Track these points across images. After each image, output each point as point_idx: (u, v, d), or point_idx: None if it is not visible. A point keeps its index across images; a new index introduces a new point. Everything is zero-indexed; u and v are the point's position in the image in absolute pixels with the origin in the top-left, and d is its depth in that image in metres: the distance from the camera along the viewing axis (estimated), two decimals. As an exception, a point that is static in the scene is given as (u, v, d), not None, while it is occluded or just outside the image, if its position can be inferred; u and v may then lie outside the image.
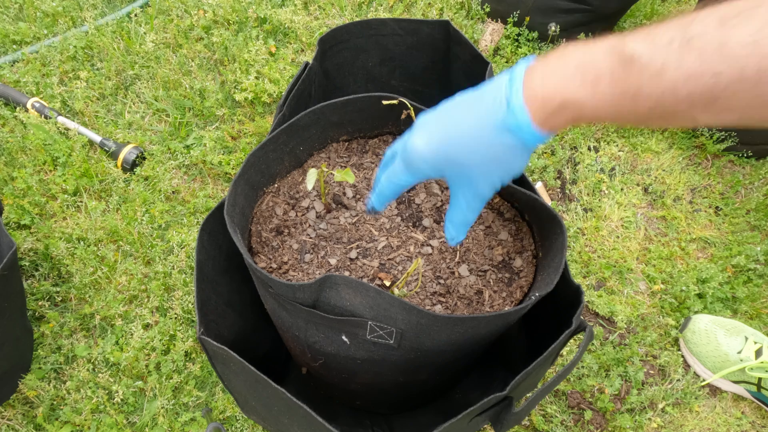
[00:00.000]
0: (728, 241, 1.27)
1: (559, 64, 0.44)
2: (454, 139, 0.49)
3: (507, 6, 1.47)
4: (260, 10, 1.47)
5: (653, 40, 0.40)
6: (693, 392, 1.08)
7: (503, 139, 0.47)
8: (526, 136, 0.47)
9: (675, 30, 0.39)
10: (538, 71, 0.45)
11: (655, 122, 0.43)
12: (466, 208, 0.54)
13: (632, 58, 0.40)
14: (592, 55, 0.43)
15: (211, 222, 0.71)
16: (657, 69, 0.39)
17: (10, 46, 1.41)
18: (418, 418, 0.94)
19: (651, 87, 0.40)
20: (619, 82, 0.41)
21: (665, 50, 0.39)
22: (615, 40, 0.42)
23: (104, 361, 1.02)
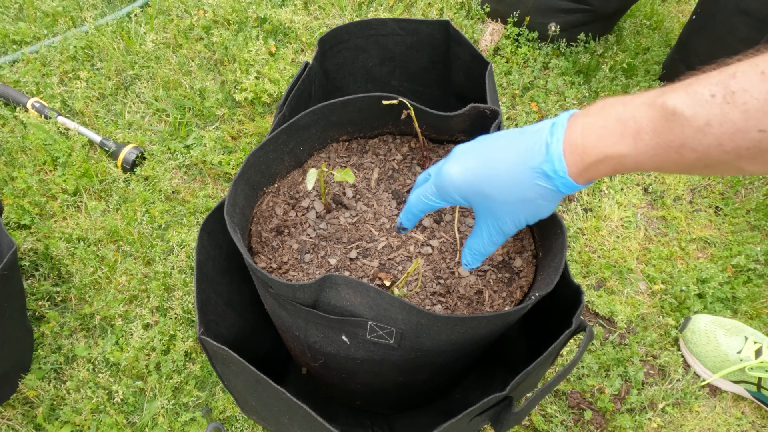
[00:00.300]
0: (728, 241, 1.27)
1: (600, 117, 0.45)
2: (488, 173, 0.51)
3: (507, 6, 1.47)
4: (260, 10, 1.47)
5: (695, 94, 0.40)
6: (693, 392, 1.08)
7: (537, 183, 0.49)
8: (560, 184, 0.48)
9: (716, 84, 0.39)
10: (579, 122, 0.47)
11: (701, 171, 0.43)
12: (487, 240, 0.56)
13: (674, 112, 0.41)
14: (632, 108, 0.44)
15: (211, 222, 0.71)
16: (701, 124, 0.40)
17: (10, 46, 1.41)
18: (418, 418, 0.94)
19: (695, 141, 0.40)
20: (661, 135, 0.42)
21: (708, 105, 0.39)
22: (655, 94, 0.43)
23: (104, 361, 1.02)
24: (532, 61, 1.48)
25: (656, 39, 1.58)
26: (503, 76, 1.44)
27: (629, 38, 1.56)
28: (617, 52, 1.50)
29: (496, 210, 0.52)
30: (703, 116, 0.40)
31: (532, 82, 1.45)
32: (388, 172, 0.79)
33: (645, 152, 0.43)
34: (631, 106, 0.44)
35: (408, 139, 0.82)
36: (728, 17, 1.22)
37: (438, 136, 0.80)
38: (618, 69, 1.46)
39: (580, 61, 1.47)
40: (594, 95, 1.44)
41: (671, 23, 1.63)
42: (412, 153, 0.81)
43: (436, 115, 0.72)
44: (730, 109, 0.38)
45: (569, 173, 0.47)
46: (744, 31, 1.20)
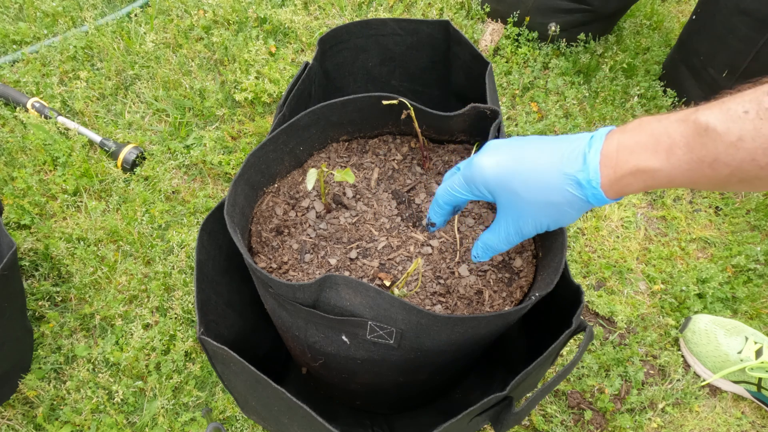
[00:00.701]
0: (728, 241, 1.27)
1: (635, 133, 0.46)
2: (520, 170, 0.51)
3: (507, 6, 1.47)
4: (260, 10, 1.47)
5: (728, 110, 0.41)
6: (693, 392, 1.08)
7: (568, 189, 0.49)
8: (590, 194, 0.49)
9: (749, 101, 0.40)
10: (616, 137, 0.48)
11: (736, 187, 0.44)
12: (504, 237, 0.56)
13: (707, 128, 0.42)
14: (666, 125, 0.45)
15: (211, 222, 0.71)
16: (734, 139, 0.41)
17: (10, 46, 1.41)
18: (418, 418, 0.94)
19: (728, 156, 0.41)
20: (695, 151, 0.43)
21: (741, 121, 0.40)
22: (689, 111, 0.44)
23: (104, 361, 1.02)
24: (532, 61, 1.48)
25: (656, 39, 1.58)
26: (503, 76, 1.44)
27: (629, 38, 1.56)
28: (617, 52, 1.50)
29: (521, 208, 0.53)
30: (735, 131, 0.40)
31: (532, 82, 1.45)
32: (388, 172, 0.79)
33: (678, 167, 0.44)
34: (666, 123, 0.45)
35: (408, 139, 0.82)
36: (728, 17, 1.22)
37: (438, 136, 0.80)
38: (618, 69, 1.46)
39: (580, 61, 1.47)
40: (594, 95, 1.44)
41: (671, 23, 1.63)
42: (412, 153, 0.81)
43: (436, 115, 0.72)
44: (762, 125, 0.39)
45: (601, 185, 0.48)
46: (744, 31, 1.20)
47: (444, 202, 0.60)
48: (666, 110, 1.42)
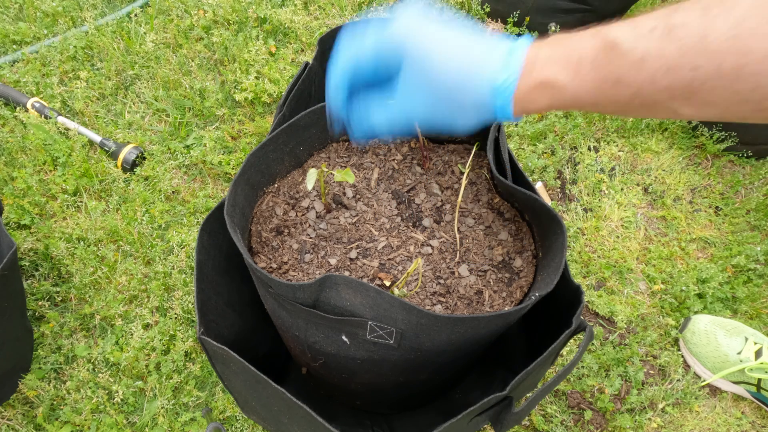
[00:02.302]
0: (728, 241, 1.27)
1: (552, 46, 0.43)
2: (443, 47, 0.45)
3: (507, 6, 1.47)
4: (260, 10, 1.47)
5: (636, 27, 0.39)
6: (693, 392, 1.08)
7: (480, 90, 0.45)
8: (500, 103, 0.45)
9: (659, 18, 0.38)
10: (534, 48, 0.44)
11: (637, 112, 0.42)
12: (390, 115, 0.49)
13: (614, 44, 0.39)
14: (579, 38, 0.42)
15: (211, 222, 0.71)
16: (638, 57, 0.38)
17: (10, 46, 1.41)
18: (418, 418, 0.94)
19: (631, 75, 0.39)
20: (600, 67, 0.40)
21: (647, 38, 0.38)
22: (602, 27, 0.41)
23: (104, 361, 1.02)
24: (532, 61, 1.48)
25: (656, 39, 1.58)
26: (503, 76, 1.44)
27: (629, 38, 1.56)
28: (617, 52, 1.50)
29: (423, 89, 0.46)
30: (640, 50, 0.38)
31: (532, 82, 1.45)
32: (388, 172, 0.79)
33: (583, 85, 0.42)
34: (578, 37, 0.42)
35: (408, 139, 0.82)
36: (728, 17, 1.22)
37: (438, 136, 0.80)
38: (618, 69, 1.46)
39: (580, 61, 1.47)
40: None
41: (671, 23, 1.63)
42: (412, 153, 0.81)
43: (436, 115, 0.72)
44: (666, 44, 0.37)
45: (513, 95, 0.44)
46: (744, 31, 1.20)
47: (344, 64, 0.49)
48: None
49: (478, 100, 0.45)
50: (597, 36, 0.41)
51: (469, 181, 0.77)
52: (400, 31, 0.46)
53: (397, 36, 0.46)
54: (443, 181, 0.78)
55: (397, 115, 0.49)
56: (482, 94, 0.44)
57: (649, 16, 0.39)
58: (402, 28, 0.46)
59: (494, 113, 0.46)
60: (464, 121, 0.47)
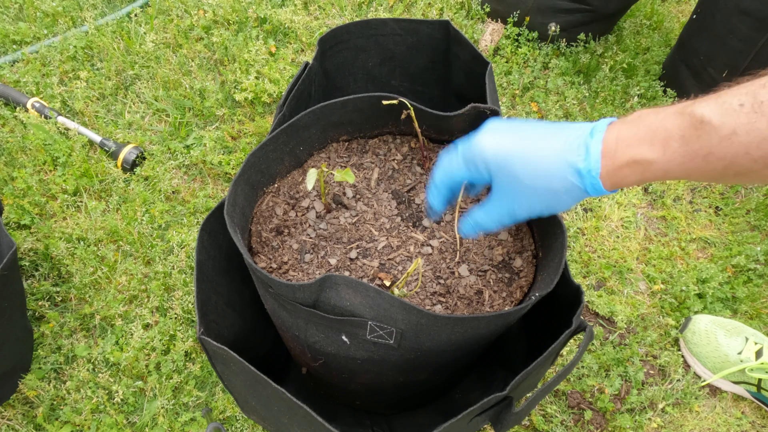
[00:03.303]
0: (728, 241, 1.27)
1: (633, 125, 0.46)
2: (521, 153, 0.51)
3: (507, 6, 1.47)
4: (260, 10, 1.47)
5: (723, 103, 0.41)
6: (693, 392, 1.08)
7: (568, 177, 0.49)
8: (589, 184, 0.49)
9: (746, 94, 0.40)
10: (615, 129, 0.48)
11: (732, 179, 0.44)
12: (496, 218, 0.56)
13: (702, 120, 0.41)
14: (663, 117, 0.45)
15: (211, 222, 0.71)
16: (728, 132, 0.40)
17: (10, 46, 1.41)
18: (418, 418, 0.94)
19: (723, 149, 0.41)
20: (689, 143, 0.43)
21: (735, 114, 0.40)
22: (686, 103, 0.44)
23: (104, 361, 1.02)
24: (532, 61, 1.48)
25: (656, 39, 1.58)
26: (503, 76, 1.44)
27: (629, 38, 1.56)
28: (617, 52, 1.50)
29: (517, 191, 0.52)
30: (730, 125, 0.40)
31: (532, 82, 1.45)
32: (388, 172, 0.79)
33: (673, 159, 0.44)
34: (663, 115, 0.45)
35: (408, 139, 0.82)
36: (728, 17, 1.22)
37: (438, 136, 0.80)
38: (618, 69, 1.46)
39: (580, 61, 1.47)
40: (594, 95, 1.44)
41: (671, 23, 1.63)
42: (412, 153, 0.81)
43: (436, 115, 0.72)
44: (757, 118, 0.39)
45: (600, 175, 0.48)
46: (744, 31, 1.20)
47: (440, 182, 0.59)
48: (666, 110, 1.42)
49: (568, 186, 0.50)
50: (683, 114, 0.43)
51: (469, 181, 0.77)
52: (483, 153, 0.52)
53: (481, 158, 0.53)
54: (443, 181, 0.78)
55: (502, 215, 0.55)
56: (570, 180, 0.49)
57: (734, 92, 0.41)
58: (484, 149, 0.52)
59: (586, 192, 0.50)
60: (562, 205, 0.52)
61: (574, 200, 0.51)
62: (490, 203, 0.56)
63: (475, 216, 0.58)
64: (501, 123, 0.54)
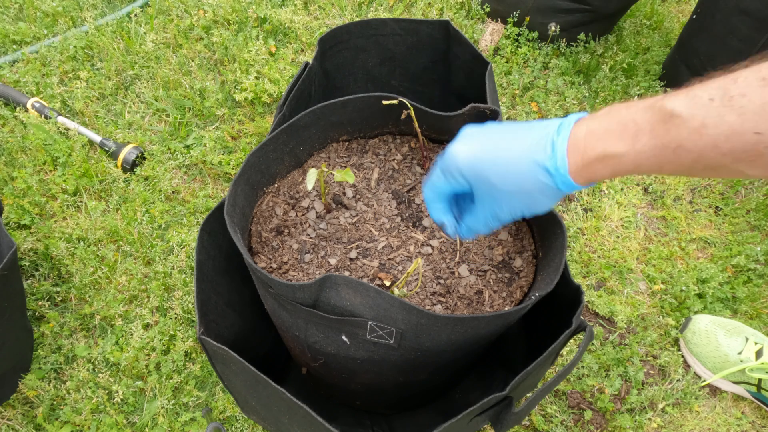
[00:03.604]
0: (728, 241, 1.27)
1: (604, 120, 0.47)
2: (492, 159, 0.51)
3: (507, 6, 1.47)
4: (260, 10, 1.47)
5: (693, 97, 0.41)
6: (693, 392, 1.08)
7: (538, 177, 0.49)
8: (560, 182, 0.49)
9: (716, 88, 0.40)
10: (585, 124, 0.48)
11: (701, 173, 0.44)
12: (482, 222, 0.57)
13: (672, 114, 0.42)
14: (634, 111, 0.45)
15: (211, 222, 0.71)
16: (697, 125, 0.40)
17: (10, 46, 1.41)
18: (418, 418, 0.94)
19: (692, 142, 0.41)
20: (659, 136, 0.43)
21: (705, 108, 0.40)
22: (657, 98, 0.44)
23: (104, 361, 1.02)
24: (532, 61, 1.48)
25: (656, 39, 1.58)
26: (503, 76, 1.44)
27: (629, 38, 1.56)
28: (617, 52, 1.50)
29: (495, 196, 0.53)
30: (699, 118, 0.40)
31: (532, 82, 1.45)
32: (388, 172, 0.79)
33: (643, 152, 0.44)
34: (633, 109, 0.45)
35: (408, 139, 0.82)
36: (728, 17, 1.22)
37: (438, 136, 0.80)
38: (618, 69, 1.46)
39: (580, 61, 1.47)
40: (594, 95, 1.44)
41: (671, 23, 1.63)
42: (412, 153, 0.81)
43: (436, 115, 0.72)
44: (726, 112, 0.39)
45: (569, 171, 0.48)
46: (744, 31, 1.20)
47: (430, 199, 0.59)
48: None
49: (541, 188, 0.50)
50: (653, 107, 0.43)
51: (469, 181, 0.77)
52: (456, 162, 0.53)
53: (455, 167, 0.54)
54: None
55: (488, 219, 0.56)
56: (541, 181, 0.49)
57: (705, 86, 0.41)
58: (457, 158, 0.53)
59: (560, 190, 0.50)
60: (541, 205, 0.52)
61: (551, 199, 0.51)
62: (475, 209, 0.57)
63: (467, 221, 0.59)
64: (473, 129, 0.55)
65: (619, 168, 0.46)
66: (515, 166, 0.50)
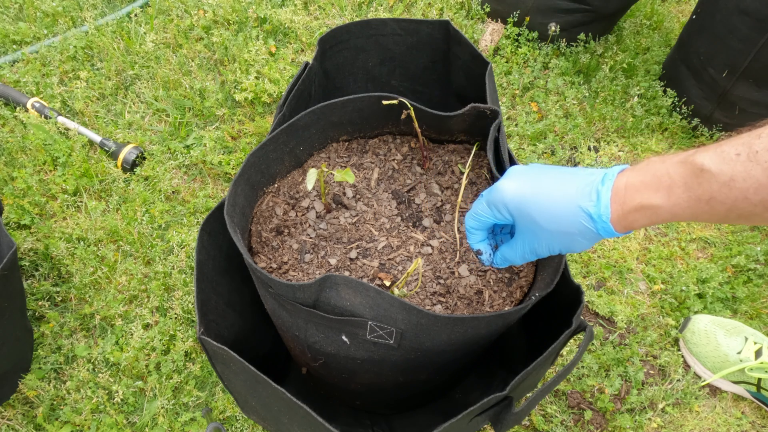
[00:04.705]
0: (728, 241, 1.27)
1: (641, 172, 0.50)
2: (538, 199, 0.55)
3: (507, 6, 1.47)
4: (260, 10, 1.47)
5: (721, 153, 0.45)
6: (693, 392, 1.08)
7: (581, 221, 0.53)
8: (600, 227, 0.52)
9: (742, 144, 0.44)
10: (625, 176, 0.51)
11: (737, 221, 0.47)
12: (519, 255, 0.61)
13: (702, 169, 0.45)
14: (668, 165, 0.49)
15: (211, 222, 0.71)
16: (726, 179, 0.44)
17: (10, 46, 1.41)
18: (418, 418, 0.94)
19: (723, 194, 0.45)
20: (692, 189, 0.46)
21: (733, 163, 0.44)
22: (689, 153, 0.48)
23: (104, 361, 1.02)
24: (532, 61, 1.48)
25: (656, 39, 1.58)
26: (503, 76, 1.44)
27: (629, 38, 1.56)
28: (617, 52, 1.50)
29: (536, 232, 0.57)
30: (727, 172, 0.44)
31: (532, 82, 1.45)
32: (388, 172, 0.79)
33: (678, 204, 0.48)
34: (668, 164, 0.49)
35: (408, 139, 0.82)
36: (728, 17, 1.22)
37: (438, 136, 0.80)
38: (618, 69, 1.46)
39: (580, 61, 1.47)
40: (594, 95, 1.44)
41: (671, 23, 1.63)
42: (412, 153, 0.81)
43: (436, 115, 0.72)
44: (752, 167, 0.42)
45: (610, 219, 0.51)
46: (744, 31, 1.20)
47: (472, 228, 0.63)
48: (666, 110, 1.42)
49: (582, 230, 0.53)
50: (685, 162, 0.47)
51: (469, 180, 0.77)
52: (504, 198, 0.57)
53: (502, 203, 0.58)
54: (443, 181, 0.78)
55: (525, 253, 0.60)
56: (583, 225, 0.53)
57: (732, 142, 0.45)
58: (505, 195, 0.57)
59: (600, 235, 0.53)
60: (579, 246, 0.56)
61: (590, 241, 0.55)
62: (515, 242, 0.61)
63: (503, 252, 0.64)
64: (521, 169, 0.59)
65: (656, 218, 0.50)
66: (560, 209, 0.54)
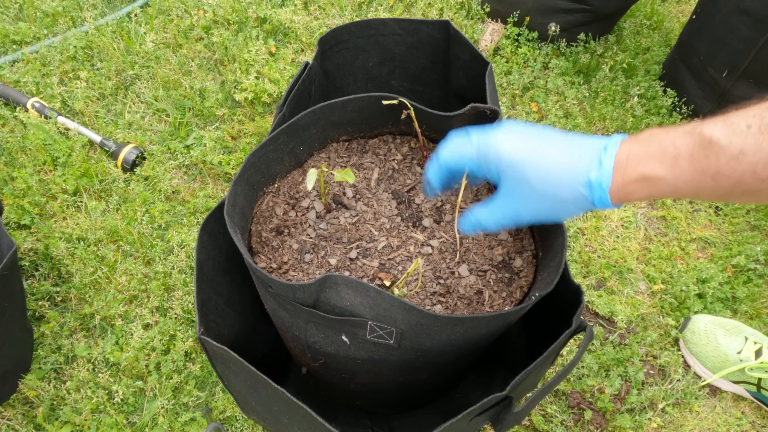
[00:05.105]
0: (728, 241, 1.27)
1: (645, 143, 0.48)
2: (537, 158, 0.52)
3: (507, 6, 1.47)
4: (260, 10, 1.47)
5: (731, 124, 0.43)
6: (693, 392, 1.08)
7: (578, 188, 0.50)
8: (597, 197, 0.50)
9: (753, 116, 0.42)
10: (627, 145, 0.49)
11: (740, 198, 0.45)
12: (498, 217, 0.57)
13: (710, 141, 0.43)
14: (674, 136, 0.46)
15: (211, 222, 0.71)
16: (735, 152, 0.42)
17: (10, 46, 1.41)
18: (418, 418, 0.94)
19: (730, 168, 0.43)
20: (698, 162, 0.44)
21: (743, 135, 0.42)
22: (695, 124, 0.45)
23: (104, 361, 1.02)
24: (532, 61, 1.48)
25: (656, 39, 1.58)
26: (503, 76, 1.44)
27: (629, 38, 1.56)
28: (617, 52, 1.50)
29: (526, 194, 0.53)
30: (737, 145, 0.42)
31: (532, 82, 1.45)
32: (388, 172, 0.79)
33: (681, 177, 0.46)
34: (673, 134, 0.46)
35: (408, 139, 0.82)
36: (728, 17, 1.22)
37: (438, 136, 0.80)
38: (618, 69, 1.46)
39: (580, 61, 1.47)
40: (594, 95, 1.44)
41: (671, 23, 1.63)
42: (412, 153, 0.81)
43: (436, 115, 0.72)
44: (764, 139, 0.41)
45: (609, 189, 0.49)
46: (744, 31, 1.20)
47: (445, 161, 0.58)
48: (666, 110, 1.42)
49: (577, 196, 0.51)
50: (692, 133, 0.45)
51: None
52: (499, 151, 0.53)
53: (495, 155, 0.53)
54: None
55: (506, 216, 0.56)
56: (580, 191, 0.50)
57: (742, 114, 0.43)
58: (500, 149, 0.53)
59: (593, 204, 0.51)
60: (566, 213, 0.53)
61: (579, 210, 0.52)
62: (495, 202, 0.57)
63: (477, 214, 0.58)
64: (519, 126, 0.55)
65: (656, 191, 0.48)
66: (559, 171, 0.51)
